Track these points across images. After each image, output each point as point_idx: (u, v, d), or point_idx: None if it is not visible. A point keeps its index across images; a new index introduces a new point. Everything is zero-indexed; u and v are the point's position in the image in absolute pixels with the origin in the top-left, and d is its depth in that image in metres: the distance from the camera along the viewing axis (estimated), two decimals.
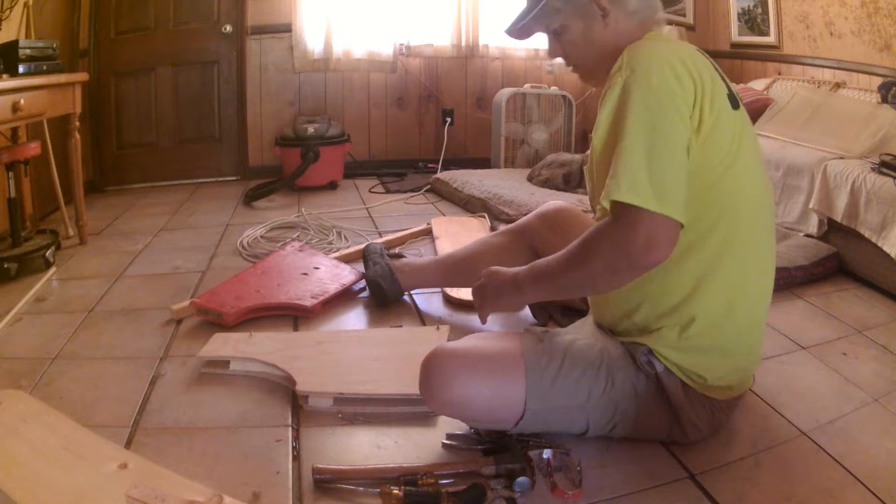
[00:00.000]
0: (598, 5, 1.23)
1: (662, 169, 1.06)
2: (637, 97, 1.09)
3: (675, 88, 1.10)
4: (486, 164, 3.97)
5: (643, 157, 1.06)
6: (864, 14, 3.08)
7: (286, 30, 3.86)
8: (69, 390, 1.49)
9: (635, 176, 1.05)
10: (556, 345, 1.23)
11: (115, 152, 3.74)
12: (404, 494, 1.08)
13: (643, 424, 1.23)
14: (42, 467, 1.12)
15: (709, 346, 1.19)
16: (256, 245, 2.59)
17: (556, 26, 1.29)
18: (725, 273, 1.17)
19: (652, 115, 1.08)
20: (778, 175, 2.65)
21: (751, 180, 1.19)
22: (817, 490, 1.16)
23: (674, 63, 1.11)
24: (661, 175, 1.05)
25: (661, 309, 1.20)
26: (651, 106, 1.08)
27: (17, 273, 2.20)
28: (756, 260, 1.21)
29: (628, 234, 1.05)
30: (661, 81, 1.10)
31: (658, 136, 1.07)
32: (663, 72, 1.10)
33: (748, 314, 1.21)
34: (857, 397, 1.48)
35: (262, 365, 1.55)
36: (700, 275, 1.16)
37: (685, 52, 1.17)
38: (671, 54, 1.14)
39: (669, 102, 1.09)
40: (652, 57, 1.13)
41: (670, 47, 1.18)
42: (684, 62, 1.13)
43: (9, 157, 2.24)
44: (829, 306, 2.04)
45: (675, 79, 1.10)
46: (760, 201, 1.21)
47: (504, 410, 1.19)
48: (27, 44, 2.32)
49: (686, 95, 1.10)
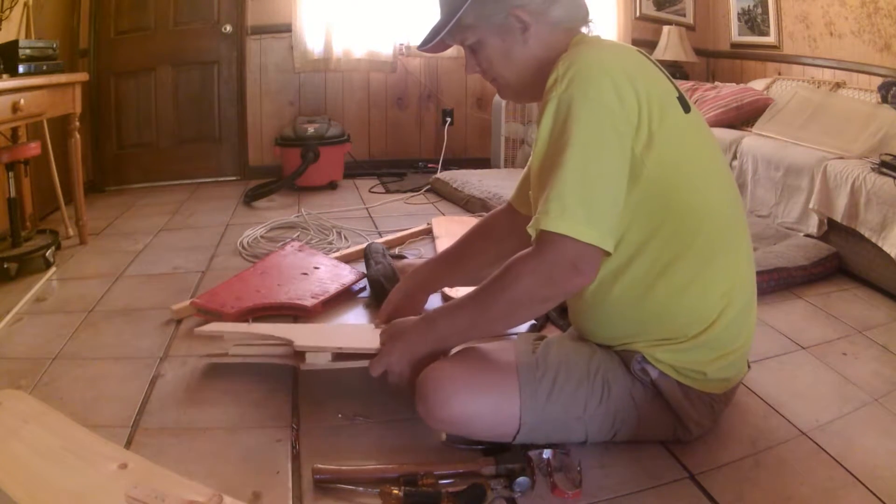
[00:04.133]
0: (516, 19, 1.16)
1: (594, 197, 1.04)
2: (572, 114, 1.04)
3: (614, 104, 1.05)
4: (486, 164, 3.97)
5: (576, 182, 1.03)
6: (864, 14, 3.08)
7: (286, 30, 3.86)
8: (69, 390, 1.49)
9: (566, 203, 1.03)
10: (551, 356, 1.22)
11: (115, 152, 3.74)
12: (404, 494, 1.08)
13: (645, 429, 1.23)
14: (42, 467, 1.12)
15: (704, 344, 1.18)
16: (256, 245, 2.59)
17: (471, 42, 1.22)
18: (714, 278, 1.16)
19: (587, 136, 1.04)
20: (778, 175, 2.66)
21: (714, 179, 1.18)
22: (817, 490, 1.16)
23: (614, 74, 1.06)
24: (593, 202, 1.03)
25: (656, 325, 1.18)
26: (587, 125, 1.04)
27: (17, 273, 2.20)
28: (738, 255, 1.21)
29: (553, 262, 1.05)
30: (598, 95, 1.05)
31: (593, 160, 1.04)
32: (601, 85, 1.05)
33: (737, 304, 1.20)
34: (857, 397, 1.48)
35: (260, 346, 1.53)
36: (690, 285, 1.15)
37: (627, 59, 1.12)
38: (611, 63, 1.08)
39: (607, 120, 1.05)
40: (591, 67, 1.07)
41: (610, 54, 1.12)
42: (625, 71, 1.08)
43: (9, 157, 2.24)
44: (829, 306, 2.04)
45: (614, 92, 1.05)
46: (726, 197, 1.21)
47: (502, 425, 1.19)
48: (27, 44, 2.32)
49: (626, 111, 1.06)
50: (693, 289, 1.15)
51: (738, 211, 1.24)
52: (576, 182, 1.04)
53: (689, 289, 1.15)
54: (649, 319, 1.18)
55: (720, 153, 1.26)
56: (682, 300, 1.15)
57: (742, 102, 3.26)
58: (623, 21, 4.28)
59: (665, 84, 1.14)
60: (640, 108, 1.07)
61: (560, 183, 1.04)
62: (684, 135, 1.12)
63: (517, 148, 3.94)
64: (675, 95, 1.14)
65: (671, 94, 1.14)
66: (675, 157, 1.10)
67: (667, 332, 1.18)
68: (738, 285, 1.19)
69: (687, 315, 1.17)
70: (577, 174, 1.04)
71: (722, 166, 1.24)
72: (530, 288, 1.08)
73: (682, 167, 1.12)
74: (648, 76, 1.12)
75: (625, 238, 1.13)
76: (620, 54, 1.14)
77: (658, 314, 1.17)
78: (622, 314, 1.20)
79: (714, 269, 1.16)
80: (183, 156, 3.89)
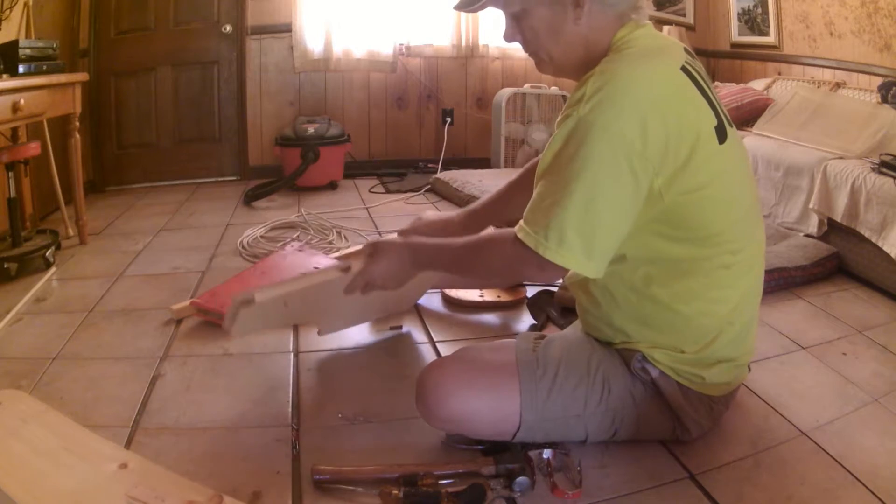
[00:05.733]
0: None
1: (595, 231, 1.03)
2: (590, 142, 1.00)
3: (636, 141, 1.00)
4: (486, 164, 3.97)
5: (579, 215, 1.02)
6: (864, 14, 3.08)
7: (286, 30, 3.86)
8: (69, 390, 1.49)
9: (565, 236, 1.03)
10: (551, 354, 1.22)
11: (115, 152, 3.74)
12: (404, 495, 1.08)
13: (645, 428, 1.23)
14: (42, 467, 1.12)
15: (703, 359, 1.19)
16: (256, 245, 2.59)
17: (515, 9, 1.14)
18: (719, 301, 1.16)
19: (601, 169, 1.00)
20: (778, 175, 2.66)
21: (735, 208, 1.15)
22: (817, 490, 1.16)
23: (644, 107, 1.01)
24: (593, 236, 1.03)
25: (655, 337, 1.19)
26: (602, 158, 1.00)
27: (17, 273, 2.20)
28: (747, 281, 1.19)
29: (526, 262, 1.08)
30: (621, 129, 1.00)
31: (601, 195, 1.02)
32: (628, 118, 1.00)
33: (740, 322, 1.20)
34: (857, 397, 1.48)
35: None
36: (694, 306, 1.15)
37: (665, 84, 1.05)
38: (645, 92, 1.02)
39: (625, 157, 1.00)
40: (622, 95, 1.01)
41: (647, 78, 1.04)
42: (659, 101, 1.02)
43: (9, 157, 2.23)
44: (829, 306, 2.04)
45: (640, 128, 1.00)
46: (745, 226, 1.18)
47: (502, 423, 1.19)
48: (27, 44, 2.32)
49: (649, 150, 1.01)
50: (696, 305, 1.15)
51: (755, 238, 1.21)
52: (579, 214, 1.02)
53: (693, 305, 1.15)
54: (651, 326, 1.19)
55: (748, 179, 1.22)
56: (685, 315, 1.16)
57: (742, 102, 3.26)
58: None
59: (703, 112, 1.08)
60: (667, 145, 1.02)
61: (563, 211, 1.02)
62: (712, 167, 1.08)
63: (517, 148, 3.94)
64: (713, 125, 1.08)
65: (708, 124, 1.08)
66: (697, 188, 1.07)
67: (667, 342, 1.18)
68: (741, 307, 1.19)
69: (688, 330, 1.17)
70: (581, 207, 1.02)
71: (747, 193, 1.20)
72: (500, 267, 1.16)
73: (704, 198, 1.09)
74: (686, 105, 1.06)
75: (636, 249, 1.12)
76: (659, 77, 1.06)
77: (660, 324, 1.18)
78: (626, 316, 1.20)
79: (720, 292, 1.16)
80: (183, 156, 3.88)
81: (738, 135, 1.20)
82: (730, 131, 1.14)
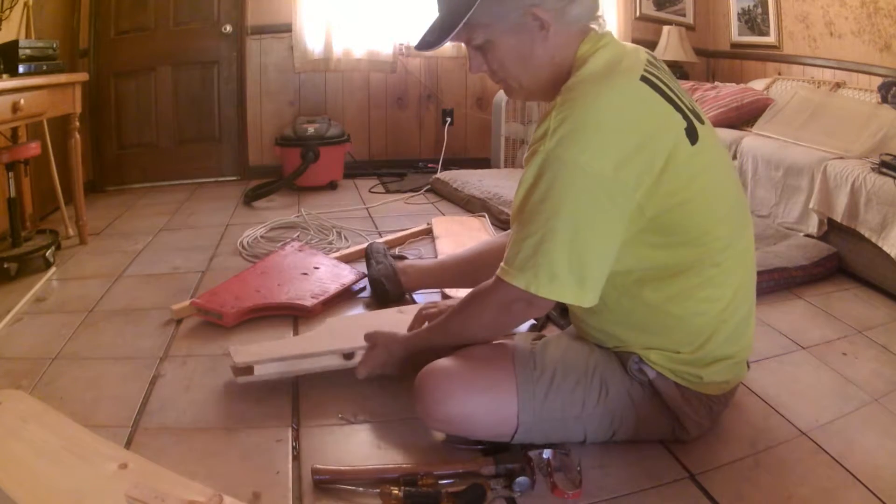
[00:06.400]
0: (534, 18, 1.09)
1: (584, 263, 1.04)
2: (562, 180, 1.01)
3: (607, 172, 1.00)
4: (486, 164, 3.97)
5: (565, 253, 1.03)
6: (864, 14, 3.08)
7: (286, 30, 3.86)
8: (69, 390, 1.49)
9: (556, 273, 1.04)
10: (548, 356, 1.22)
11: (115, 152, 3.74)
12: (404, 495, 1.08)
13: (644, 429, 1.23)
14: (42, 467, 1.12)
15: (699, 359, 1.19)
16: (256, 245, 2.59)
17: (479, 41, 1.13)
18: (710, 301, 1.16)
19: (577, 205, 1.02)
20: (778, 175, 2.66)
21: (718, 205, 1.15)
22: (817, 490, 1.16)
23: (609, 134, 1.01)
24: (583, 269, 1.04)
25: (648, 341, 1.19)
26: (577, 194, 1.01)
27: (17, 273, 2.20)
28: (737, 278, 1.19)
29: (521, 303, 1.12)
30: (590, 162, 1.00)
31: (583, 228, 1.03)
32: (596, 150, 1.00)
33: (734, 320, 1.20)
34: (857, 397, 1.48)
35: None
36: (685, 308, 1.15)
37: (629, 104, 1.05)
38: (610, 117, 1.02)
39: (599, 188, 1.01)
40: (586, 126, 1.01)
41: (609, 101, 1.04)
42: (624, 125, 1.02)
43: (9, 157, 2.23)
44: (829, 306, 2.04)
45: (609, 157, 1.00)
46: (730, 223, 1.17)
47: (500, 425, 1.19)
48: (27, 44, 2.32)
49: (622, 176, 1.01)
50: (689, 305, 1.15)
51: (743, 234, 1.22)
52: (566, 248, 1.03)
53: (685, 305, 1.15)
54: (646, 329, 1.19)
55: (729, 172, 1.23)
56: (678, 317, 1.16)
57: (742, 102, 3.26)
58: (623, 21, 4.28)
59: (670, 120, 1.08)
60: (638, 164, 1.03)
61: (550, 247, 1.04)
62: (689, 170, 1.08)
63: (517, 148, 3.94)
64: (682, 129, 1.08)
65: (679, 129, 1.08)
66: (678, 192, 1.08)
67: (662, 343, 1.18)
68: (734, 303, 1.19)
69: (682, 330, 1.17)
70: (567, 241, 1.03)
71: (729, 188, 1.20)
72: (491, 317, 1.19)
73: (686, 201, 1.09)
74: (651, 119, 1.06)
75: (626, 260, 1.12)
76: (618, 98, 1.05)
77: (653, 327, 1.18)
78: (619, 321, 1.20)
79: (712, 291, 1.15)
80: (183, 156, 3.88)
81: (711, 130, 1.19)
82: (701, 129, 1.13)
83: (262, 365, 1.46)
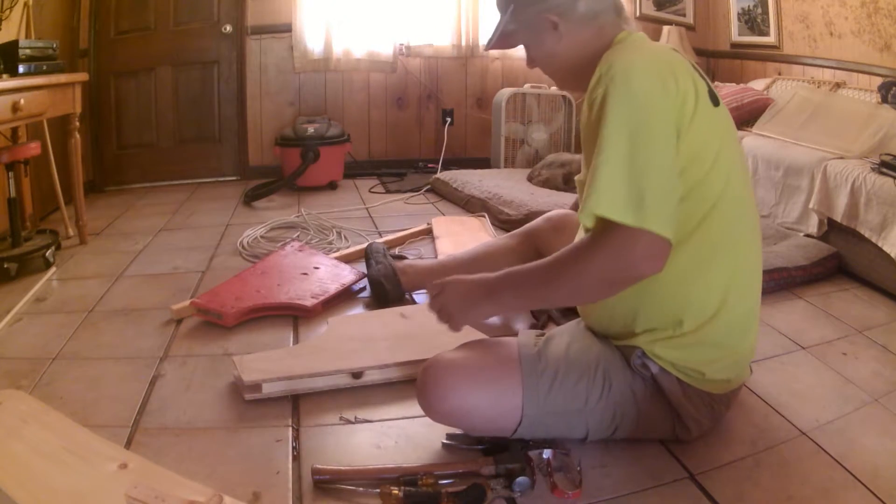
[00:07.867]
0: (546, 20, 1.22)
1: (644, 183, 1.03)
2: (617, 105, 1.06)
3: (657, 93, 1.07)
4: (486, 164, 3.97)
5: (623, 170, 1.03)
6: (864, 14, 3.08)
7: (286, 30, 3.86)
8: (69, 390, 1.49)
9: (615, 192, 1.03)
10: (553, 350, 1.23)
11: (115, 152, 3.74)
12: (404, 495, 1.08)
13: (645, 425, 1.23)
14: (42, 467, 1.12)
15: (703, 342, 1.19)
16: (256, 245, 2.59)
17: (517, 45, 1.32)
18: (716, 269, 1.16)
19: (633, 124, 1.05)
20: (778, 175, 2.66)
21: (735, 174, 1.18)
22: (817, 490, 1.16)
23: (654, 67, 1.10)
24: (643, 189, 1.03)
25: (655, 311, 1.19)
26: (632, 113, 1.06)
27: (17, 273, 2.20)
28: (744, 253, 1.21)
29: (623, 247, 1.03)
30: (642, 86, 1.07)
31: (640, 148, 1.04)
32: (644, 76, 1.08)
33: (740, 306, 1.20)
34: (857, 397, 1.48)
35: None
36: (692, 272, 1.15)
37: (663, 54, 1.15)
38: (650, 58, 1.12)
39: (652, 108, 1.06)
40: (632, 63, 1.10)
41: (647, 52, 1.16)
42: (665, 64, 1.11)
43: (9, 157, 2.24)
44: (829, 306, 2.04)
45: (659, 82, 1.07)
46: (744, 193, 1.21)
47: (502, 419, 1.19)
48: (27, 44, 2.32)
49: (669, 99, 1.08)
50: (691, 275, 1.15)
51: (748, 206, 1.23)
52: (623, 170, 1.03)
53: (688, 274, 1.15)
54: (648, 301, 1.18)
55: (741, 149, 1.28)
56: (680, 284, 1.16)
57: (742, 102, 3.26)
58: None
59: (698, 78, 1.16)
60: (679, 91, 1.09)
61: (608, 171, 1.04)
62: (712, 128, 1.14)
63: (517, 148, 3.94)
64: (706, 90, 1.16)
65: (703, 88, 1.15)
66: (698, 147, 1.12)
67: (664, 319, 1.18)
68: (740, 284, 1.19)
69: (684, 302, 1.17)
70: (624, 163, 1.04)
71: (741, 161, 1.25)
72: (604, 272, 1.07)
73: (704, 158, 1.13)
74: (686, 71, 1.14)
75: None
76: (657, 52, 1.18)
77: (655, 297, 1.17)
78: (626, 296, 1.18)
79: (716, 261, 1.16)
80: (183, 156, 3.88)
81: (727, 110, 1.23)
82: (721, 103, 1.20)
83: (271, 384, 1.45)
